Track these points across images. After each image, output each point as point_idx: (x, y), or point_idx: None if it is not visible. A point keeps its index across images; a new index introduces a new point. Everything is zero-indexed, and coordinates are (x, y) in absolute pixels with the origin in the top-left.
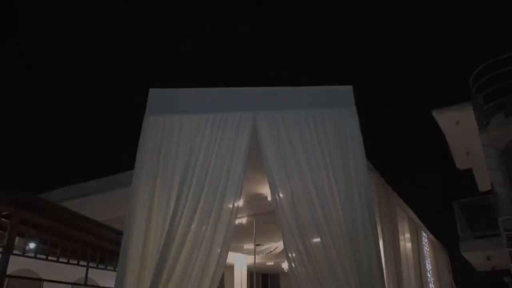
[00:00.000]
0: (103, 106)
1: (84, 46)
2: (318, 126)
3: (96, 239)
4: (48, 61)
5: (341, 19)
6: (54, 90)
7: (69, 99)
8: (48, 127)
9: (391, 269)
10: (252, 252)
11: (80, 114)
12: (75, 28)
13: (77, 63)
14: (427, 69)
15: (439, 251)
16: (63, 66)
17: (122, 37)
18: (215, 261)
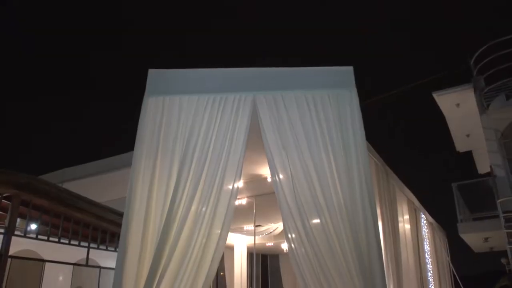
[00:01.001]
0: (103, 87)
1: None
2: (318, 107)
3: (96, 220)
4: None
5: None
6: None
7: (69, 80)
8: (47, 108)
9: (390, 250)
10: (252, 233)
11: (79, 96)
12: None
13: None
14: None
15: (438, 232)
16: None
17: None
18: (215, 242)
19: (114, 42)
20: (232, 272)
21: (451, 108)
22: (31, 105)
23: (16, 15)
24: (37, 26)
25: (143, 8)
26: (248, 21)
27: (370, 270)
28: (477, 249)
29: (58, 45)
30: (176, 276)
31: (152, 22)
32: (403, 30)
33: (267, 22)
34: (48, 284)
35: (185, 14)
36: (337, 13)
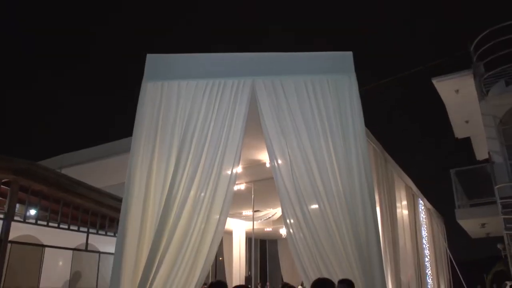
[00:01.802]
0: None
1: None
2: (317, 92)
3: (95, 205)
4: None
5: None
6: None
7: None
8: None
9: (388, 235)
10: (251, 218)
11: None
12: None
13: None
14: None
15: (435, 218)
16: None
17: None
18: (214, 227)
19: (114, 24)
20: (230, 257)
21: (450, 94)
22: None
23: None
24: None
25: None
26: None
27: (368, 255)
28: (474, 234)
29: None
30: (175, 261)
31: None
32: (404, 16)
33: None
34: (48, 268)
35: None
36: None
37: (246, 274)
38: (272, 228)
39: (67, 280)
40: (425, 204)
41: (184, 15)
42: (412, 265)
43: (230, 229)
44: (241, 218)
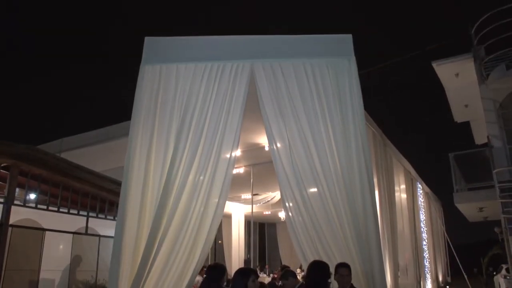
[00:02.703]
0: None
1: None
2: (316, 75)
3: (95, 189)
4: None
5: None
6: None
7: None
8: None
9: (386, 219)
10: (250, 202)
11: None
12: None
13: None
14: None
15: (433, 202)
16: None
17: None
18: (213, 211)
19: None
20: (230, 240)
21: (450, 78)
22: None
23: None
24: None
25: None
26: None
27: (366, 238)
28: (471, 218)
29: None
30: (175, 244)
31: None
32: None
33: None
34: (48, 252)
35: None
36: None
37: (245, 257)
38: (271, 212)
39: (67, 263)
40: (423, 188)
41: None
42: (410, 248)
43: (229, 212)
44: (240, 202)
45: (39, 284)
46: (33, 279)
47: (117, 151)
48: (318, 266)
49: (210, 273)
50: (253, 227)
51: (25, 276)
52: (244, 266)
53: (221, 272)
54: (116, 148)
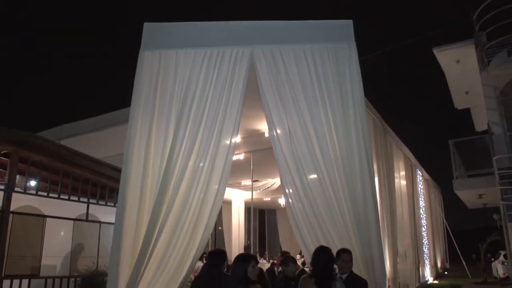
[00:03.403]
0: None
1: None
2: (316, 61)
3: (95, 176)
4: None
5: None
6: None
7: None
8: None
9: (385, 205)
10: (250, 188)
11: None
12: None
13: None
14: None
15: (433, 189)
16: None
17: None
18: (213, 197)
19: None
20: (230, 226)
21: (451, 64)
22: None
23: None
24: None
25: None
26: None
27: (366, 225)
28: (470, 205)
29: None
30: (175, 230)
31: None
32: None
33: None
34: (50, 238)
35: None
36: None
37: (245, 243)
38: (271, 198)
39: (69, 249)
40: (423, 175)
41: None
42: (409, 235)
43: (229, 198)
44: (240, 188)
45: (41, 270)
46: (35, 265)
47: (117, 138)
48: (325, 252)
49: (211, 259)
50: (253, 213)
51: (27, 262)
52: (244, 252)
53: (222, 258)
54: (116, 135)
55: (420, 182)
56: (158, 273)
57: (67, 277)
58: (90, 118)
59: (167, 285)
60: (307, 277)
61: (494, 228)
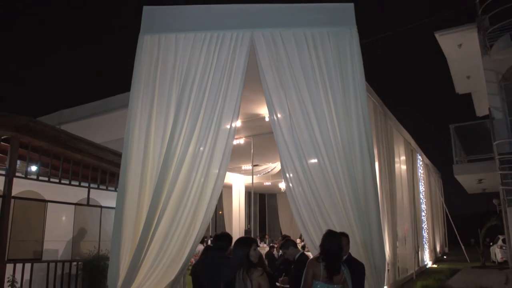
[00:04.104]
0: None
1: None
2: (317, 45)
3: (96, 160)
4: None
5: None
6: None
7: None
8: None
9: (385, 189)
10: (250, 173)
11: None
12: None
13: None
14: None
15: (433, 174)
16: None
17: None
18: (213, 181)
19: None
20: (230, 210)
21: (453, 48)
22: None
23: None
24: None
25: None
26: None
27: (366, 209)
28: (470, 190)
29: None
30: (175, 214)
31: None
32: None
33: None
34: (51, 223)
35: None
36: None
37: (245, 227)
38: (271, 182)
39: (70, 233)
40: (423, 160)
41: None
42: (409, 219)
43: (230, 183)
44: (240, 173)
45: (43, 254)
46: (37, 249)
47: (117, 123)
48: (335, 236)
49: (217, 242)
50: (253, 197)
51: (29, 247)
52: (245, 236)
53: (229, 242)
54: (116, 120)
55: (420, 167)
56: (159, 257)
57: (69, 261)
58: (90, 103)
59: (168, 269)
60: (313, 259)
61: (493, 213)
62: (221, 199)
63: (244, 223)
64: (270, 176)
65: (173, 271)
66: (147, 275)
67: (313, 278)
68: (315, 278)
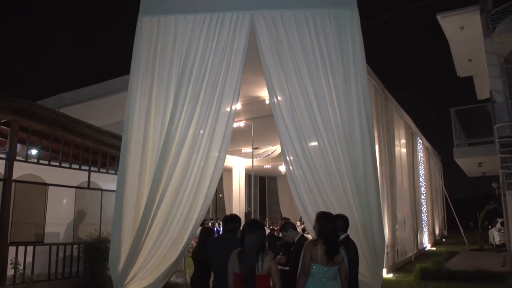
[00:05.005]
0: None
1: None
2: (318, 27)
3: (96, 144)
4: None
5: None
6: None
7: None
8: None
9: (385, 172)
10: (250, 156)
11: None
12: None
13: None
14: None
15: (433, 157)
16: None
17: None
18: (213, 164)
19: None
20: (230, 193)
21: (455, 31)
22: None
23: None
24: None
25: None
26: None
27: (366, 192)
28: (470, 173)
29: None
30: (176, 198)
31: None
32: None
33: None
34: (52, 206)
35: None
36: None
37: (245, 210)
38: (272, 165)
39: (71, 216)
40: (423, 143)
41: None
42: (408, 202)
43: (230, 166)
44: (240, 156)
45: (45, 237)
46: (39, 232)
47: (117, 106)
48: (331, 218)
49: (228, 224)
50: (253, 180)
51: (31, 230)
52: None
53: (238, 224)
54: (115, 103)
55: (420, 150)
56: (160, 239)
57: (71, 244)
58: (90, 86)
59: (169, 251)
60: (310, 242)
61: (492, 196)
62: (221, 182)
63: (244, 206)
64: (270, 159)
65: (174, 254)
66: (148, 257)
67: (310, 261)
68: (312, 260)
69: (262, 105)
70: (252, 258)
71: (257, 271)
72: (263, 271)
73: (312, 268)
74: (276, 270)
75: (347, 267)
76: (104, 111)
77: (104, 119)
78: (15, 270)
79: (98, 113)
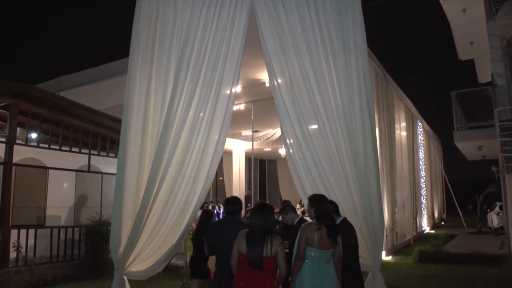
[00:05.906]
0: None
1: None
2: (319, 9)
3: (96, 127)
4: None
5: None
6: None
7: None
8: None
9: (385, 155)
10: (250, 139)
11: None
12: None
13: None
14: None
15: (433, 141)
16: None
17: None
18: (213, 147)
19: None
20: (230, 176)
21: (457, 13)
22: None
23: None
24: None
25: None
26: None
27: (366, 175)
28: (470, 157)
29: None
30: (176, 181)
31: None
32: None
33: None
34: (53, 189)
35: None
36: None
37: (245, 193)
38: (272, 148)
39: (72, 200)
40: (423, 126)
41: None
42: (408, 186)
43: (230, 149)
44: (240, 139)
45: (46, 220)
46: (40, 215)
47: (117, 89)
48: (325, 200)
49: (230, 206)
50: (253, 163)
51: (32, 213)
52: (245, 202)
53: (240, 206)
54: (115, 86)
55: (421, 133)
56: (160, 222)
57: (72, 227)
58: (89, 69)
59: (169, 234)
60: (307, 225)
61: (492, 180)
62: (221, 165)
63: (245, 189)
64: (270, 142)
65: (175, 236)
66: (149, 240)
67: (306, 244)
68: (308, 244)
69: (262, 87)
70: (261, 240)
71: (265, 253)
72: (271, 254)
73: (308, 252)
74: (282, 254)
75: (341, 250)
76: (104, 94)
77: (104, 102)
78: (17, 252)
79: (98, 96)
